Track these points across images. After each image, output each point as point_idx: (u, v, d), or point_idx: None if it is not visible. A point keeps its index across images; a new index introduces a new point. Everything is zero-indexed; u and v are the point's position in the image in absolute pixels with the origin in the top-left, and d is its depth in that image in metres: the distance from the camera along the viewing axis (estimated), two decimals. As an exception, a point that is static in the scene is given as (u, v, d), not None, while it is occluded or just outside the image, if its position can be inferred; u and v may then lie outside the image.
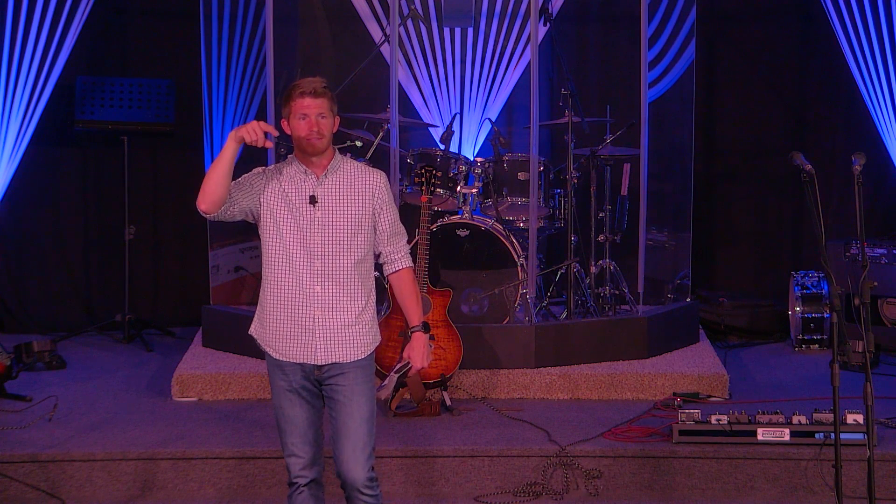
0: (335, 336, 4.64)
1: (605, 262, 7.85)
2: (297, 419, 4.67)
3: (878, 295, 8.11)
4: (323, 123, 4.60)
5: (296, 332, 4.64)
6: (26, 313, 8.84)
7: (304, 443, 4.68)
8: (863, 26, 8.25)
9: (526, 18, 8.53)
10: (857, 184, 5.08)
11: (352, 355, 4.66)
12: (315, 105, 4.59)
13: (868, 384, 4.92)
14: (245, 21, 8.17)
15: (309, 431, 4.68)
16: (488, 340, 7.13)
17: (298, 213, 4.63)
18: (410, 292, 4.80)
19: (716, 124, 9.13)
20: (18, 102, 8.07)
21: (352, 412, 4.63)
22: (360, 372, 4.67)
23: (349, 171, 4.71)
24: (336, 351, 4.64)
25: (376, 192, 4.69)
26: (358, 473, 4.61)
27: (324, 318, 4.63)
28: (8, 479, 5.92)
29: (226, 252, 8.23)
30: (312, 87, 4.59)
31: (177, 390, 7.07)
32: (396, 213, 4.79)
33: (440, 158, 7.59)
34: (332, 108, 4.64)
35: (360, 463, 4.61)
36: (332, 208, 4.64)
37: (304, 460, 4.69)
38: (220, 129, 8.11)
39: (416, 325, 4.79)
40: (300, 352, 4.65)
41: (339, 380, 4.65)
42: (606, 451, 6.11)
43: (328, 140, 4.65)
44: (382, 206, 4.70)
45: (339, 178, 4.68)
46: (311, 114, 4.59)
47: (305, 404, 4.68)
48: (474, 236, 7.40)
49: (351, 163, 4.75)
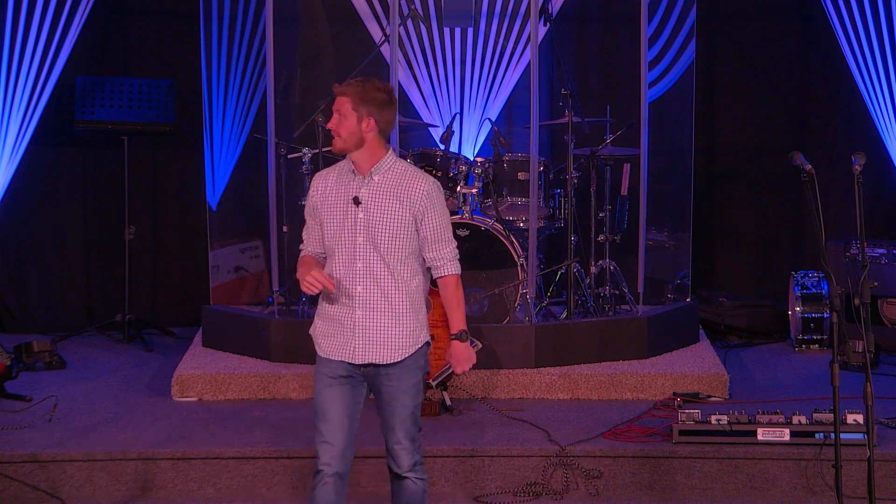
0: (374, 336, 4.66)
1: (605, 262, 7.85)
2: (335, 407, 4.68)
3: (878, 295, 8.11)
4: (341, 123, 4.61)
5: (337, 331, 4.69)
6: (26, 313, 8.84)
7: (339, 432, 4.68)
8: (863, 26, 8.25)
9: (526, 18, 8.53)
10: (857, 184, 5.07)
11: (390, 357, 4.68)
12: (338, 103, 4.62)
13: (868, 384, 4.92)
14: (245, 21, 8.17)
15: (345, 420, 4.69)
16: (488, 340, 7.13)
17: (343, 213, 4.64)
18: (451, 298, 4.79)
19: (716, 124, 9.13)
20: (18, 102, 8.08)
21: (395, 409, 4.71)
22: (405, 372, 4.71)
23: (397, 173, 4.68)
24: (374, 351, 4.67)
25: (417, 198, 4.65)
26: (404, 459, 4.72)
27: (364, 318, 4.65)
28: (8, 479, 5.91)
29: (226, 252, 8.23)
30: (338, 86, 4.62)
31: (177, 390, 7.07)
32: (443, 220, 4.73)
33: (440, 158, 7.59)
34: (358, 107, 4.60)
35: (406, 449, 4.72)
36: (375, 210, 4.62)
37: (336, 449, 4.68)
38: (219, 129, 8.12)
39: (454, 333, 4.82)
40: (341, 350, 4.68)
41: (383, 379, 4.69)
42: (606, 451, 6.10)
43: (347, 140, 4.62)
44: (425, 211, 4.66)
45: (385, 179, 4.66)
46: (334, 112, 4.62)
47: (346, 393, 4.69)
48: (474, 236, 7.40)
49: (402, 165, 4.71)
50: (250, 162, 8.17)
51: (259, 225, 8.03)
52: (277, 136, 7.57)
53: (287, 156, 7.66)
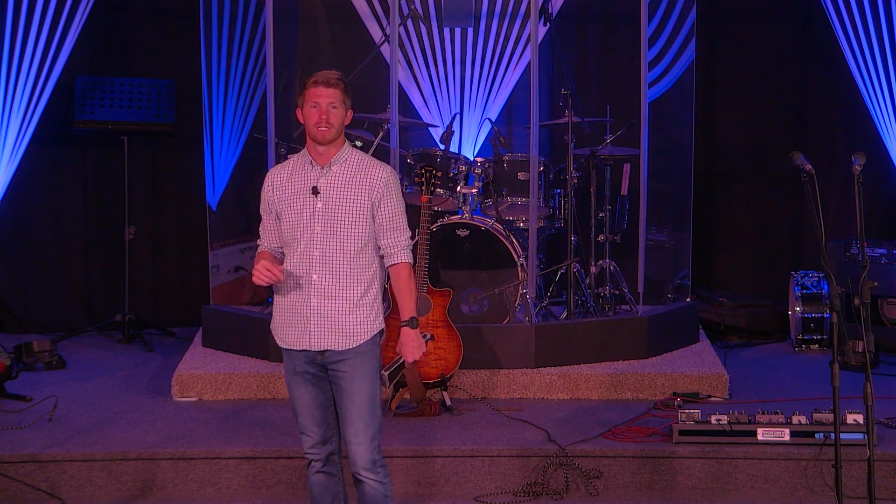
0: (329, 324, 4.73)
1: (605, 262, 7.85)
2: (304, 400, 4.82)
3: (878, 295, 8.11)
4: (333, 113, 4.71)
5: (294, 320, 4.77)
6: (26, 313, 8.84)
7: (313, 423, 4.83)
8: (863, 27, 8.25)
9: (526, 18, 8.53)
10: (857, 184, 5.08)
11: (345, 343, 4.74)
12: (327, 94, 4.70)
13: (868, 384, 4.92)
14: (245, 21, 8.18)
15: (317, 412, 4.82)
16: (488, 340, 7.13)
17: (301, 203, 4.73)
18: (403, 287, 4.85)
19: (716, 124, 9.13)
20: (18, 102, 8.07)
21: (353, 396, 4.75)
22: (361, 357, 4.77)
23: (354, 162, 4.79)
24: (330, 338, 4.74)
25: (376, 185, 4.75)
26: (360, 455, 4.75)
27: (319, 306, 4.72)
28: (8, 479, 5.92)
29: (226, 252, 8.23)
30: (326, 78, 4.71)
31: (177, 390, 7.07)
32: (398, 208, 4.82)
33: (440, 158, 7.59)
34: (345, 100, 4.75)
35: (362, 445, 4.74)
36: (333, 198, 4.72)
37: (314, 439, 4.85)
38: (219, 129, 8.12)
39: (405, 321, 4.86)
40: (298, 339, 4.76)
41: (340, 366, 4.76)
42: (606, 451, 6.10)
43: (337, 130, 4.73)
44: (381, 199, 4.76)
45: (343, 169, 4.77)
46: (321, 103, 4.69)
47: (311, 386, 4.80)
48: (474, 236, 7.40)
49: (358, 155, 4.83)
50: (250, 162, 8.17)
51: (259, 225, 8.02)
52: (277, 136, 7.57)
53: (287, 156, 7.65)
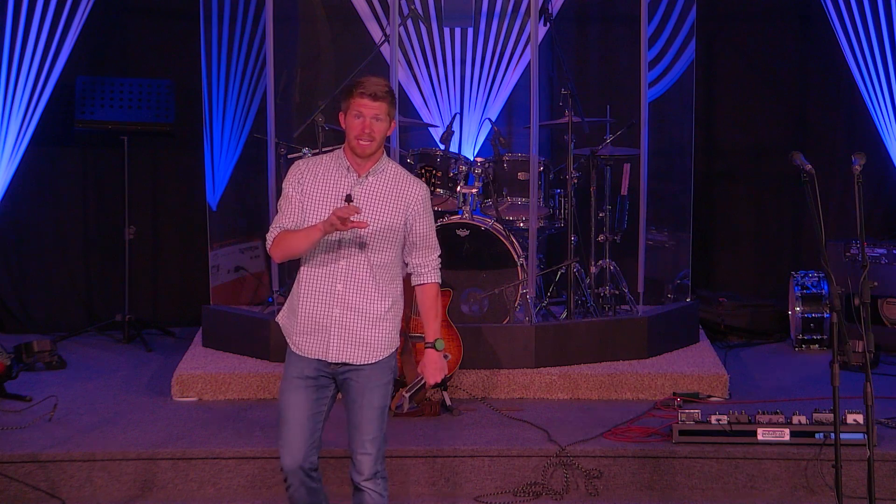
0: (351, 336, 4.66)
1: (605, 262, 7.85)
2: (299, 407, 4.69)
3: (878, 295, 8.11)
4: (376, 126, 4.59)
5: (314, 328, 4.68)
6: (26, 313, 8.84)
7: (300, 434, 4.68)
8: (863, 26, 8.25)
9: (526, 18, 8.53)
10: (857, 184, 5.08)
11: (366, 357, 4.68)
12: (373, 107, 4.58)
13: (868, 384, 4.92)
14: (245, 21, 8.17)
15: (306, 423, 4.69)
16: (488, 340, 7.13)
17: (331, 209, 4.56)
18: (430, 307, 4.81)
19: (716, 124, 9.13)
20: (18, 102, 8.07)
21: (364, 408, 4.68)
22: (375, 370, 4.70)
23: (391, 175, 4.70)
24: (350, 351, 4.67)
25: (412, 202, 4.67)
26: (366, 466, 4.67)
27: (342, 317, 4.65)
28: (8, 479, 5.92)
29: (226, 252, 8.23)
30: (373, 90, 4.57)
31: (177, 390, 7.07)
32: (431, 227, 4.76)
33: (440, 158, 7.59)
34: (391, 112, 4.62)
35: (370, 455, 4.67)
36: (367, 209, 4.61)
37: (294, 449, 4.69)
38: (219, 129, 8.12)
39: (429, 342, 4.80)
40: (316, 348, 4.68)
41: (353, 376, 4.68)
42: (606, 451, 6.11)
43: (378, 144, 4.63)
44: (416, 216, 4.69)
45: (379, 180, 4.67)
46: (366, 114, 4.58)
47: (310, 395, 4.69)
48: (474, 236, 7.40)
49: (394, 167, 4.73)
50: (250, 162, 8.17)
51: (259, 225, 8.04)
52: (277, 136, 7.57)
53: (287, 156, 7.66)
